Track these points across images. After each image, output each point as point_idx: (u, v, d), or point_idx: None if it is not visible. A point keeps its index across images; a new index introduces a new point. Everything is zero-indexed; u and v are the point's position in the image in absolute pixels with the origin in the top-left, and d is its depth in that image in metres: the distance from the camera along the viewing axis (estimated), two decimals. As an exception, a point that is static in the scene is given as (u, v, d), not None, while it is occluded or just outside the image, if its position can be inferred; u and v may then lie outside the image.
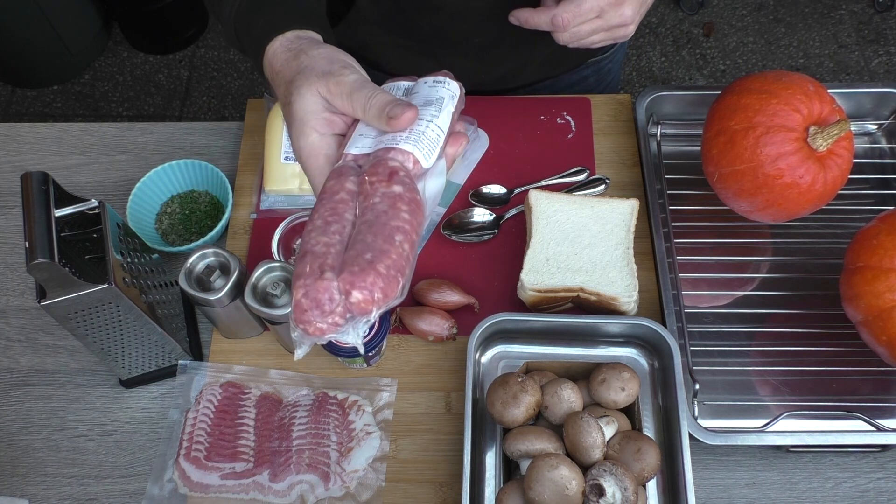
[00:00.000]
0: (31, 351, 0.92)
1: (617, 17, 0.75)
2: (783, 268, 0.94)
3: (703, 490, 0.82)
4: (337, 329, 0.51)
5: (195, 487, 0.81)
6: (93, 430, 0.87)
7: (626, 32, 0.78)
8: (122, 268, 0.76)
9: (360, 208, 0.54)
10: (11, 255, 0.98)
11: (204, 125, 1.07)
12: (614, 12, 0.75)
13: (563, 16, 0.74)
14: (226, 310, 0.82)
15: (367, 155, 0.56)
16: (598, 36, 0.78)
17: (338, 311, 0.50)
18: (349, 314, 0.50)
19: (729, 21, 2.46)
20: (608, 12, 0.75)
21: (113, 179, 1.04)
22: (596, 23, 0.76)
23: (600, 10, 0.74)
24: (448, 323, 0.88)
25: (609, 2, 0.74)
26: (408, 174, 0.54)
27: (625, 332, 0.85)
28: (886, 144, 1.03)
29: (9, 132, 1.08)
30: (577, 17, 0.74)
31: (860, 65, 2.35)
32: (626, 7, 0.75)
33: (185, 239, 0.98)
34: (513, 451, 0.74)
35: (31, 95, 2.34)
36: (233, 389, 0.86)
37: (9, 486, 0.84)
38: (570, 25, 0.74)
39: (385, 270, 0.50)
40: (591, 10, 0.74)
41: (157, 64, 2.41)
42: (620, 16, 0.75)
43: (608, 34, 0.78)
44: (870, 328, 0.80)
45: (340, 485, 0.81)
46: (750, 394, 0.87)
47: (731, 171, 0.85)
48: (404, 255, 0.51)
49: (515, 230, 0.96)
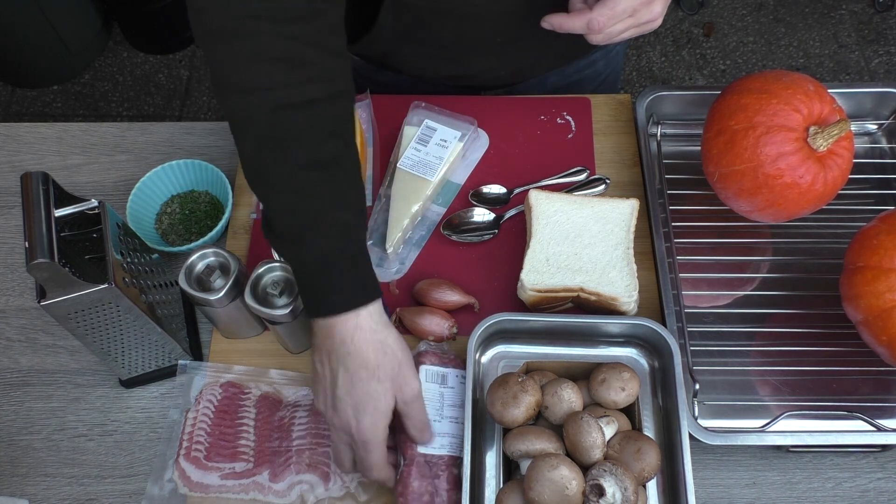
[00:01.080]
0: (31, 351, 0.92)
1: (647, 14, 0.76)
2: (783, 268, 0.94)
3: (703, 490, 0.82)
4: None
5: (195, 487, 0.81)
6: (93, 430, 0.87)
7: (655, 25, 0.79)
8: (122, 268, 0.76)
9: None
10: (11, 255, 0.98)
11: (204, 125, 1.07)
12: (646, 10, 0.75)
13: (598, 20, 0.74)
14: (226, 310, 0.82)
15: (432, 455, 0.78)
16: (628, 32, 0.78)
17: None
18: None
19: (729, 21, 2.46)
20: (640, 11, 0.75)
21: (113, 179, 1.04)
22: (628, 21, 0.76)
23: (633, 9, 0.75)
24: (448, 323, 0.88)
25: (642, 1, 0.74)
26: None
27: (625, 332, 0.85)
28: (887, 144, 1.03)
29: (9, 132, 1.08)
30: (611, 19, 0.74)
31: (860, 65, 2.35)
32: (657, 4, 0.76)
33: (185, 239, 0.98)
34: (513, 451, 0.74)
35: (31, 95, 2.34)
36: (233, 389, 0.86)
37: (9, 486, 0.84)
38: (605, 28, 0.75)
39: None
40: (625, 10, 0.74)
41: (157, 64, 2.41)
42: (651, 12, 0.76)
43: (638, 29, 0.79)
44: (870, 328, 0.80)
45: (340, 485, 0.81)
46: (750, 394, 0.87)
47: (731, 170, 0.85)
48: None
49: (515, 230, 0.96)
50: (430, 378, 0.82)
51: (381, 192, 0.98)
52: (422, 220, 0.97)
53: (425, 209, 0.97)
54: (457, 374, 0.83)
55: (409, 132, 0.99)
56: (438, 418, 0.80)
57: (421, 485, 0.76)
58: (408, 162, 0.97)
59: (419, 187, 0.95)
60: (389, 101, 1.05)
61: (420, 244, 0.96)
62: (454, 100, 1.04)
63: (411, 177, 0.96)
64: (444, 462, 0.78)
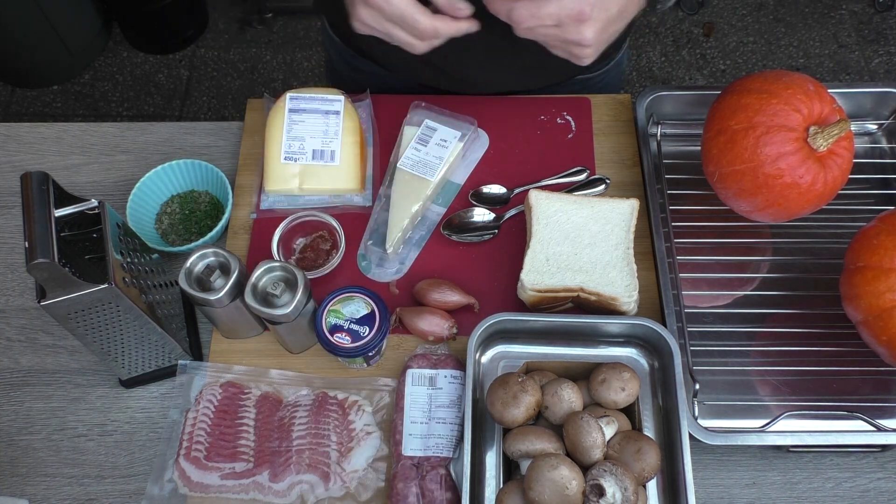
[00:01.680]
0: (31, 351, 0.92)
1: (575, 33, 0.72)
2: (783, 268, 0.94)
3: (703, 490, 0.82)
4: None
5: (195, 487, 0.81)
6: (93, 430, 0.87)
7: (583, 55, 0.75)
8: (122, 268, 0.76)
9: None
10: (11, 255, 0.98)
11: (204, 125, 1.07)
12: (573, 27, 0.71)
13: (520, 12, 0.71)
14: (226, 310, 0.82)
15: (419, 458, 0.80)
16: (556, 48, 0.75)
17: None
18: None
19: (729, 21, 2.46)
20: (567, 25, 0.71)
21: (113, 179, 1.04)
22: (553, 31, 0.72)
23: (559, 20, 0.71)
24: (448, 323, 0.88)
25: (570, 14, 0.70)
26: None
27: (625, 332, 0.85)
28: (887, 144, 1.03)
29: (9, 132, 1.08)
30: (533, 18, 0.71)
31: (860, 65, 2.35)
32: (587, 27, 0.71)
33: (185, 239, 0.98)
34: (513, 451, 0.74)
35: (31, 95, 2.34)
36: (233, 389, 0.86)
37: (9, 486, 0.84)
38: (523, 24, 0.71)
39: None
40: (550, 16, 0.70)
41: (157, 64, 2.41)
42: (579, 33, 0.72)
43: (565, 49, 0.75)
44: (870, 328, 0.80)
45: (340, 485, 0.81)
46: (750, 394, 0.87)
47: (731, 170, 0.85)
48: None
49: (515, 230, 0.96)
50: (416, 381, 0.83)
51: (381, 192, 0.98)
52: (422, 220, 0.97)
53: (425, 209, 0.97)
54: (447, 374, 0.83)
55: (409, 132, 0.99)
56: (426, 420, 0.81)
57: (406, 486, 0.77)
58: (408, 162, 0.97)
59: (419, 187, 0.95)
60: (389, 101, 1.05)
61: (420, 244, 0.96)
62: (454, 100, 1.04)
63: (411, 177, 0.96)
64: (432, 463, 0.79)
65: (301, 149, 0.96)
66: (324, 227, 0.94)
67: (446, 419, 0.81)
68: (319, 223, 0.94)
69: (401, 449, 0.80)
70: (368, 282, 0.93)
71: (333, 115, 0.97)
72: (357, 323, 0.82)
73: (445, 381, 0.83)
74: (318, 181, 0.96)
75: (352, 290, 0.84)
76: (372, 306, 0.83)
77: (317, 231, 0.94)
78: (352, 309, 0.83)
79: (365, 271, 0.94)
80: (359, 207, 0.98)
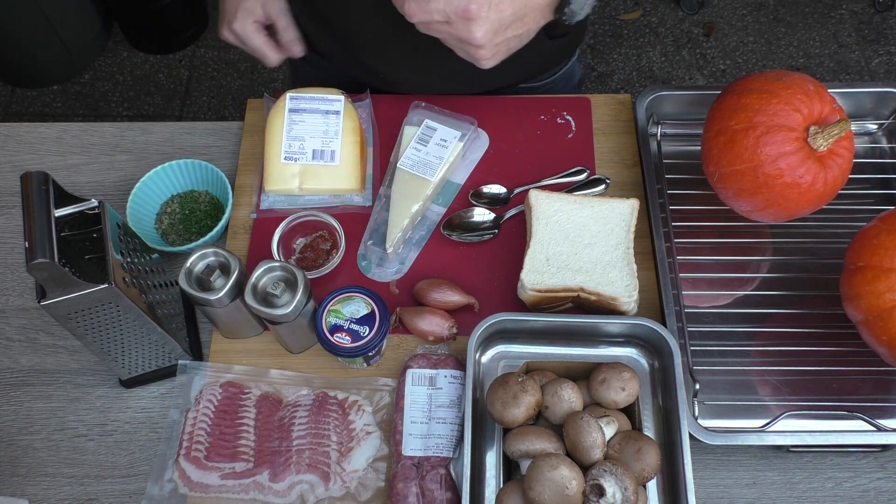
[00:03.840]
0: (31, 351, 0.92)
1: (465, 32, 0.71)
2: (783, 268, 0.94)
3: (703, 490, 0.82)
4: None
5: (195, 487, 0.81)
6: (93, 430, 0.87)
7: (478, 56, 0.74)
8: (122, 268, 0.76)
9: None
10: (11, 255, 0.98)
11: (204, 125, 1.07)
12: (462, 25, 0.70)
13: (410, 5, 0.71)
14: (226, 310, 0.82)
15: (419, 457, 0.80)
16: (449, 43, 0.75)
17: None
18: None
19: (729, 21, 2.46)
20: (456, 24, 0.70)
21: (113, 179, 1.04)
22: (443, 28, 0.72)
23: (447, 16, 0.70)
24: (448, 323, 0.88)
25: (456, 11, 0.69)
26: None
27: (625, 332, 0.85)
28: (887, 144, 1.03)
29: (9, 132, 1.08)
30: (423, 12, 0.70)
31: (860, 64, 2.35)
32: (477, 26, 0.70)
33: (185, 239, 0.98)
34: (513, 451, 0.74)
35: (31, 95, 2.34)
36: (233, 389, 0.86)
37: (9, 486, 0.84)
38: (414, 18, 0.71)
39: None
40: (438, 11, 0.70)
41: (157, 64, 2.41)
42: (468, 31, 0.71)
43: (462, 49, 0.74)
44: (870, 328, 0.80)
45: (340, 485, 0.81)
46: (750, 394, 0.87)
47: (731, 170, 0.85)
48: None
49: (515, 230, 0.96)
50: (416, 381, 0.83)
51: (381, 192, 0.98)
52: (422, 220, 0.97)
53: (425, 209, 0.97)
54: (447, 374, 0.83)
55: (409, 132, 0.99)
56: (426, 420, 0.81)
57: (406, 486, 0.77)
58: (408, 162, 0.97)
59: (419, 187, 0.95)
60: (389, 101, 1.05)
61: (420, 244, 0.96)
62: (454, 100, 1.04)
63: (411, 177, 0.96)
64: (432, 463, 0.79)
65: (301, 149, 0.96)
66: (324, 227, 0.94)
67: (446, 419, 0.81)
68: (319, 223, 0.94)
69: (401, 449, 0.80)
70: (368, 282, 0.93)
71: (333, 115, 0.97)
72: (357, 323, 0.82)
73: (445, 381, 0.83)
74: (318, 181, 0.96)
75: (352, 290, 0.84)
76: (372, 306, 0.83)
77: (317, 231, 0.94)
78: (352, 309, 0.83)
79: (365, 271, 0.94)
80: (359, 207, 0.98)
